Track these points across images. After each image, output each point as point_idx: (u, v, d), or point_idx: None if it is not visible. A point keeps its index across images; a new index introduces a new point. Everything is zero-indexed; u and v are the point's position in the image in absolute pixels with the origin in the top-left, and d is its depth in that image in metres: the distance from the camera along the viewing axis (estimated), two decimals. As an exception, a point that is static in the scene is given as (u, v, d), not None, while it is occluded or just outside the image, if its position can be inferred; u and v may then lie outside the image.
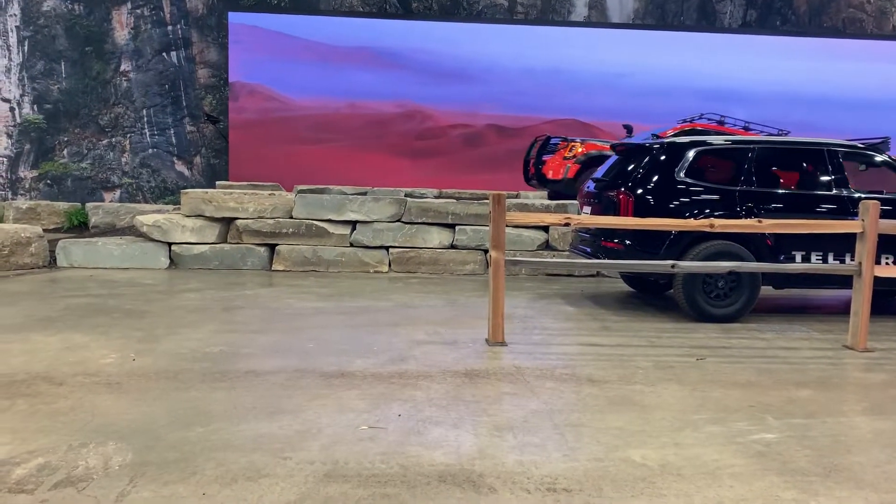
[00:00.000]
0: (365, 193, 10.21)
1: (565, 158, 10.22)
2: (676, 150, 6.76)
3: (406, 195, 10.78)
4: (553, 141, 10.88)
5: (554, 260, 8.29)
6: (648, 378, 4.57)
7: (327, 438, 3.39)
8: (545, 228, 9.39)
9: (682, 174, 6.64)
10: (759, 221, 5.76)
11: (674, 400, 4.14)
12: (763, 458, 3.30)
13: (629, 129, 11.08)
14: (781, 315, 6.99)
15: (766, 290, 7.12)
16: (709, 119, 10.80)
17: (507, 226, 5.63)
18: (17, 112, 13.59)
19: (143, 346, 5.07)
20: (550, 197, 10.44)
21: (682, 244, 6.41)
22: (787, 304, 7.75)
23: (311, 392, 4.11)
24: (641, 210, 6.51)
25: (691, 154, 6.72)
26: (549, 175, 10.35)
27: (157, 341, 5.22)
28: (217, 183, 11.79)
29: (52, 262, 8.88)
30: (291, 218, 9.31)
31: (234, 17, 13.72)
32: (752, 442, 3.51)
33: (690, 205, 6.56)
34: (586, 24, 14.48)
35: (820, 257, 6.57)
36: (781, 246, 6.53)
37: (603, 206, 7.02)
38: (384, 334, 5.68)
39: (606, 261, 6.70)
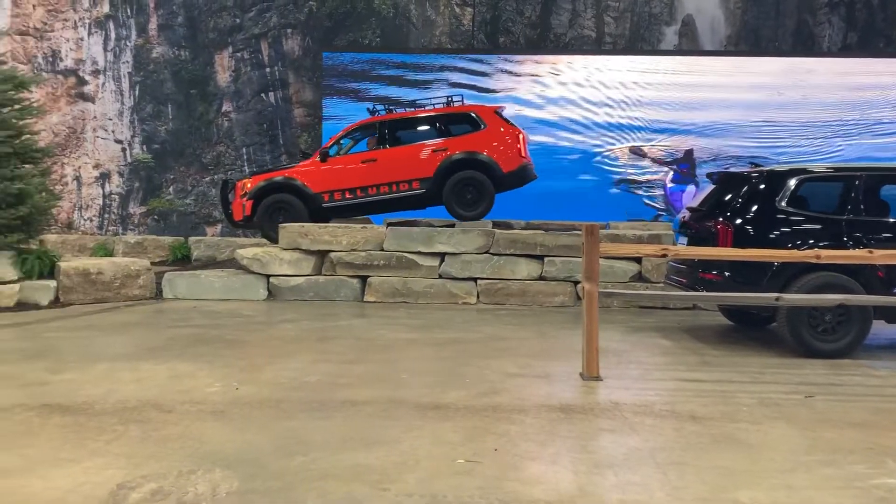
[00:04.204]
0: (453, 225, 10.30)
1: (241, 197, 10.42)
2: (777, 179, 6.52)
3: (494, 226, 10.81)
4: (230, 184, 11.04)
5: (650, 292, 8.09)
6: (753, 416, 4.38)
7: (424, 471, 3.39)
8: (637, 259, 9.20)
9: (783, 203, 6.39)
10: (871, 252, 5.46)
11: (782, 439, 3.95)
12: (886, 505, 3.09)
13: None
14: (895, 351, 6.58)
15: (878, 325, 6.72)
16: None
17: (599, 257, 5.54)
18: (127, 152, 14.49)
19: (245, 375, 5.24)
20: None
21: (784, 276, 6.14)
22: (902, 339, 7.29)
23: (405, 423, 4.13)
24: (741, 240, 6.28)
25: (793, 182, 6.47)
26: (235, 217, 10.55)
27: (258, 370, 5.39)
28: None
29: (158, 294, 9.33)
30: (382, 250, 9.48)
31: (329, 58, 14.23)
32: (873, 487, 3.29)
33: (792, 235, 6.30)
34: (678, 52, 14.27)
35: (938, 290, 6.16)
36: (894, 278, 6.16)
37: (700, 236, 6.83)
38: (475, 366, 5.67)
39: (706, 293, 6.49)
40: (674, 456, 3.65)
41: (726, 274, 6.34)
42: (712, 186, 7.27)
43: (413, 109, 10.78)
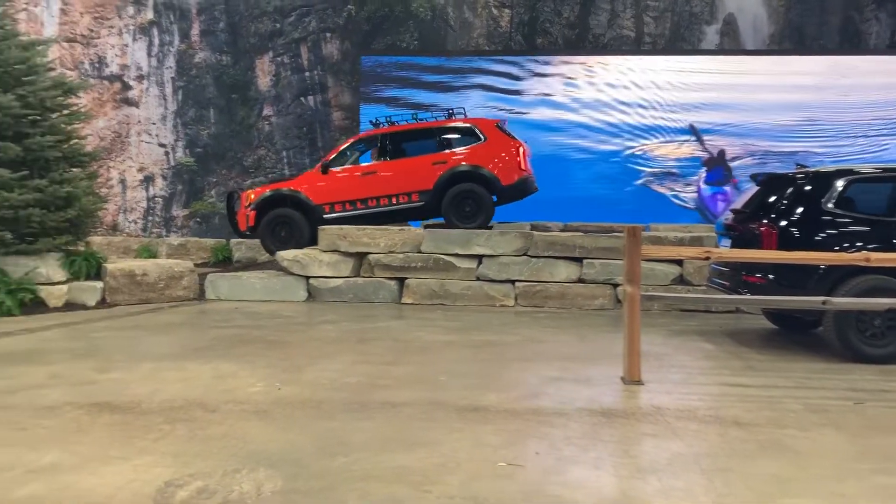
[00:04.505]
0: (490, 227, 10.29)
1: (246, 208, 10.60)
2: (823, 180, 6.38)
3: (531, 228, 10.78)
4: (235, 195, 11.19)
5: (693, 295, 7.99)
6: (801, 422, 4.29)
7: (466, 473, 3.39)
8: (678, 262, 9.09)
9: (829, 204, 6.25)
10: (923, 254, 5.31)
11: (832, 446, 3.86)
12: (941, 516, 3.00)
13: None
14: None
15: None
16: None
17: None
18: (171, 156, 14.78)
19: (287, 375, 5.30)
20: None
21: (831, 279, 6.00)
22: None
23: (446, 425, 4.14)
24: (786, 243, 6.16)
25: (840, 183, 6.32)
26: (240, 227, 10.73)
27: (299, 371, 5.44)
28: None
29: (201, 295, 9.49)
30: (420, 252, 9.51)
31: (367, 61, 14.34)
32: (927, 497, 3.20)
33: (839, 237, 6.15)
34: (719, 51, 14.06)
35: None
36: (948, 281, 5.98)
37: (743, 238, 6.72)
38: (514, 369, 5.65)
39: (750, 296, 6.38)
40: (719, 462, 3.59)
41: (771, 277, 6.23)
42: (756, 188, 7.15)
43: (416, 122, 10.88)
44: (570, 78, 14.02)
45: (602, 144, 13.99)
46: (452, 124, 10.63)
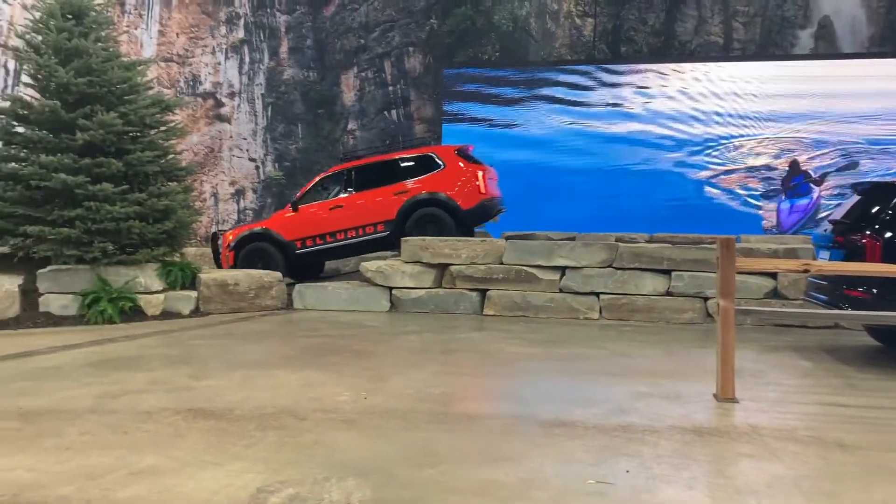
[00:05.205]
0: (573, 238, 10.16)
1: (226, 248, 11.00)
2: (933, 188, 6.02)
3: (616, 240, 10.58)
4: (219, 236, 11.55)
5: (790, 310, 7.65)
6: (912, 446, 4.02)
7: (554, 490, 3.33)
8: (772, 275, 8.72)
9: (940, 215, 5.88)
10: None
11: (948, 474, 3.60)
12: None
13: None
14: None
15: None
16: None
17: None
18: (261, 170, 15.29)
19: (373, 384, 5.36)
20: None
21: (943, 294, 5.64)
22: None
23: (531, 440, 4.08)
24: (891, 255, 5.83)
25: (952, 192, 5.94)
26: (223, 266, 11.01)
27: (384, 381, 5.50)
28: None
29: (288, 304, 9.75)
30: (501, 264, 9.48)
31: (449, 74, 14.46)
32: None
33: (951, 249, 5.77)
34: (814, 56, 13.50)
35: None
36: None
37: (844, 250, 6.39)
38: (601, 384, 5.54)
39: (852, 311, 6.05)
40: (822, 486, 3.40)
41: (874, 291, 5.90)
42: (857, 197, 6.80)
43: (380, 154, 11.47)
44: (664, 86, 13.73)
45: (676, 154, 13.66)
46: (412, 154, 11.22)
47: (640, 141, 13.74)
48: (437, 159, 10.86)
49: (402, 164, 10.99)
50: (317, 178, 11.53)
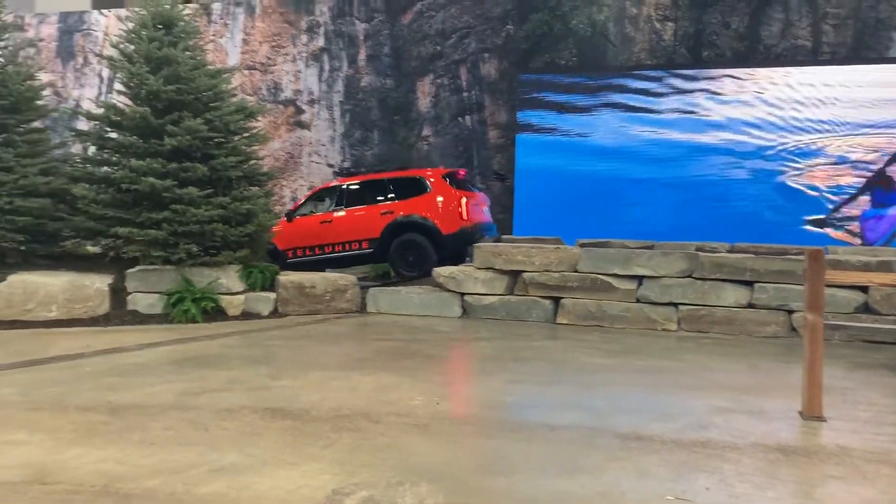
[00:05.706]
0: (652, 247, 9.93)
1: None
2: None
3: (696, 249, 10.29)
4: None
5: (885, 326, 7.26)
6: None
7: (631, 504, 3.26)
8: (863, 289, 8.30)
9: None
10: None
11: None
12: None
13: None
14: None
15: None
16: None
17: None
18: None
19: (445, 389, 5.37)
20: None
21: None
22: None
23: (607, 452, 4.00)
24: None
25: None
26: None
27: (456, 386, 5.50)
28: (503, 237, 12.31)
29: (362, 307, 9.88)
30: (576, 272, 9.33)
31: (525, 80, 14.38)
32: None
33: None
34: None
35: None
36: None
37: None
38: (679, 397, 5.39)
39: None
40: (920, 514, 3.21)
41: (979, 308, 5.54)
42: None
43: (373, 173, 11.92)
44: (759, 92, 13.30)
45: (756, 163, 13.22)
46: (401, 175, 11.74)
47: (719, 149, 13.35)
48: (425, 182, 11.26)
49: (392, 185, 11.48)
50: (312, 192, 12.09)
